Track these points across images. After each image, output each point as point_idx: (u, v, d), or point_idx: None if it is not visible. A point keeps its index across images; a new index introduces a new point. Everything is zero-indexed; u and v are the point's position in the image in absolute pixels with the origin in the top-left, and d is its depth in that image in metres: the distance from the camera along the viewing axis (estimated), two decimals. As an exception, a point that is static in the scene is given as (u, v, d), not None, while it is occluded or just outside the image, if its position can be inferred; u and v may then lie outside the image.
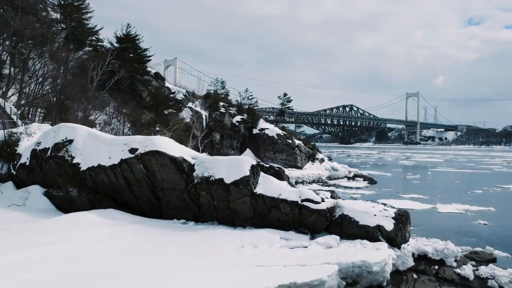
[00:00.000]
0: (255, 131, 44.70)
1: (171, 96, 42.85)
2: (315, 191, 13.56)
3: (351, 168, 44.22)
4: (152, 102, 31.88)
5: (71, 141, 15.94)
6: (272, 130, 44.28)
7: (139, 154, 14.39)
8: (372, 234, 12.18)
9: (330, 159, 47.29)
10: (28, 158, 17.13)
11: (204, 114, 44.67)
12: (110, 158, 14.91)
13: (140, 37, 42.77)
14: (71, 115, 23.52)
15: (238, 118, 45.79)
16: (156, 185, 14.55)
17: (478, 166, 64.53)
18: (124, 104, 37.48)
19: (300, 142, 44.22)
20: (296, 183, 33.22)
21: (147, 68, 45.06)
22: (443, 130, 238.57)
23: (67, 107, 23.80)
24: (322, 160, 43.33)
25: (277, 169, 13.88)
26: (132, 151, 14.58)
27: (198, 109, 44.77)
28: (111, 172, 14.82)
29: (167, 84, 48.27)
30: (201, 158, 14.60)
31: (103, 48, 41.37)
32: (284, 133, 44.65)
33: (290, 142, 42.66)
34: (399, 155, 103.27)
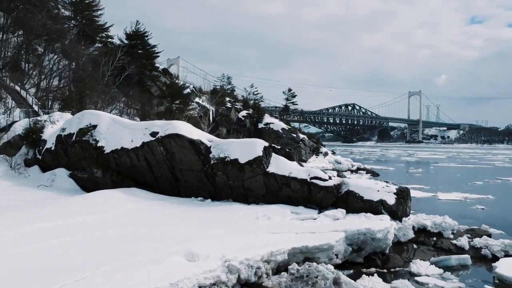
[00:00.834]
0: (261, 125, 45.87)
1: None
2: (323, 170, 14.68)
3: (354, 162, 45.28)
4: (168, 92, 33.37)
5: (95, 126, 17.14)
6: (277, 125, 45.45)
7: (160, 137, 15.57)
8: (375, 208, 13.30)
9: (334, 153, 48.38)
10: (53, 143, 18.34)
11: (210, 109, 45.87)
12: (132, 141, 16.09)
13: (148, 33, 43.99)
14: (88, 106, 24.75)
15: (244, 113, 46.98)
16: (175, 166, 15.72)
17: (480, 162, 65.30)
18: (134, 99, 38.68)
19: (305, 136, 45.37)
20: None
21: (155, 64, 46.28)
22: (445, 128, 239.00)
23: (85, 98, 25.05)
24: (326, 154, 44.46)
25: (287, 150, 15.01)
26: (153, 134, 15.77)
27: (205, 104, 45.96)
28: (133, 154, 16.01)
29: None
30: (217, 140, 15.77)
31: (113, 44, 42.60)
32: (289, 127, 45.77)
33: (295, 136, 43.80)
34: (402, 152, 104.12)
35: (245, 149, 14.93)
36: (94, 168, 16.56)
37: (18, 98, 23.84)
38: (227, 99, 48.17)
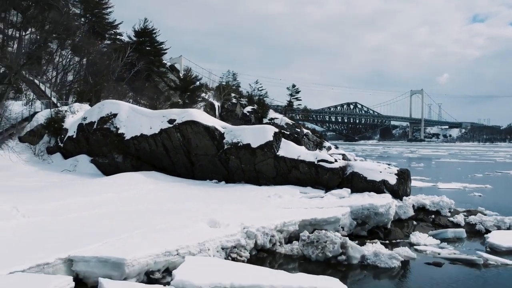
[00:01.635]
0: (265, 120, 46.91)
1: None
2: (329, 154, 15.80)
3: (357, 157, 46.30)
4: (182, 83, 34.89)
5: (115, 115, 18.31)
6: (281, 120, 46.51)
7: (177, 124, 16.71)
8: (378, 187, 14.42)
9: (337, 147, 49.42)
10: (75, 132, 19.51)
11: (216, 104, 47.01)
12: (151, 128, 17.25)
13: (156, 30, 45.14)
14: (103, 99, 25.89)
15: (249, 108, 48.06)
16: (191, 151, 16.86)
17: (481, 158, 66.22)
18: (144, 95, 39.86)
19: (308, 131, 46.40)
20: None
21: (163, 61, 47.46)
22: (447, 127, 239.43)
23: (101, 90, 26.24)
24: (329, 148, 45.37)
25: (296, 136, 16.11)
26: (171, 121, 16.91)
27: (211, 99, 47.11)
28: (152, 140, 17.17)
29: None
30: (230, 127, 16.91)
31: (122, 41, 43.78)
32: (293, 122, 46.84)
33: (299, 131, 44.87)
34: (404, 149, 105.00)
35: (257, 134, 16.06)
36: (115, 153, 17.72)
37: (38, 90, 25.04)
38: (233, 94, 49.32)
